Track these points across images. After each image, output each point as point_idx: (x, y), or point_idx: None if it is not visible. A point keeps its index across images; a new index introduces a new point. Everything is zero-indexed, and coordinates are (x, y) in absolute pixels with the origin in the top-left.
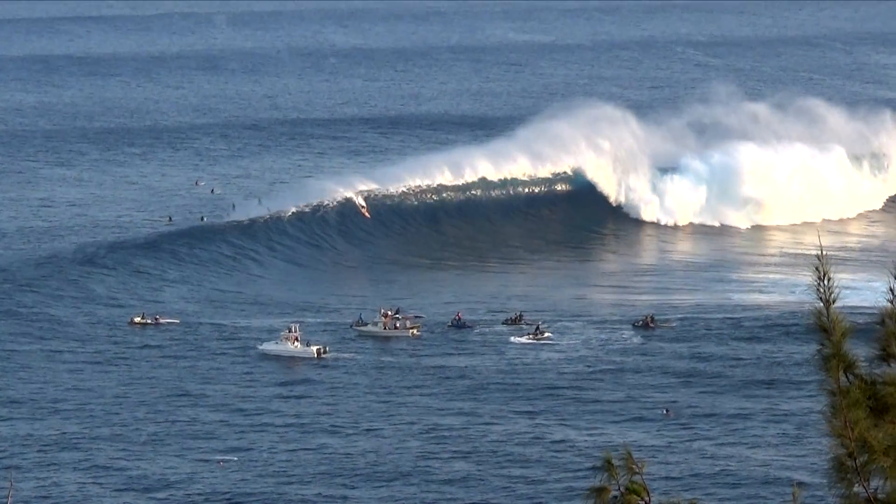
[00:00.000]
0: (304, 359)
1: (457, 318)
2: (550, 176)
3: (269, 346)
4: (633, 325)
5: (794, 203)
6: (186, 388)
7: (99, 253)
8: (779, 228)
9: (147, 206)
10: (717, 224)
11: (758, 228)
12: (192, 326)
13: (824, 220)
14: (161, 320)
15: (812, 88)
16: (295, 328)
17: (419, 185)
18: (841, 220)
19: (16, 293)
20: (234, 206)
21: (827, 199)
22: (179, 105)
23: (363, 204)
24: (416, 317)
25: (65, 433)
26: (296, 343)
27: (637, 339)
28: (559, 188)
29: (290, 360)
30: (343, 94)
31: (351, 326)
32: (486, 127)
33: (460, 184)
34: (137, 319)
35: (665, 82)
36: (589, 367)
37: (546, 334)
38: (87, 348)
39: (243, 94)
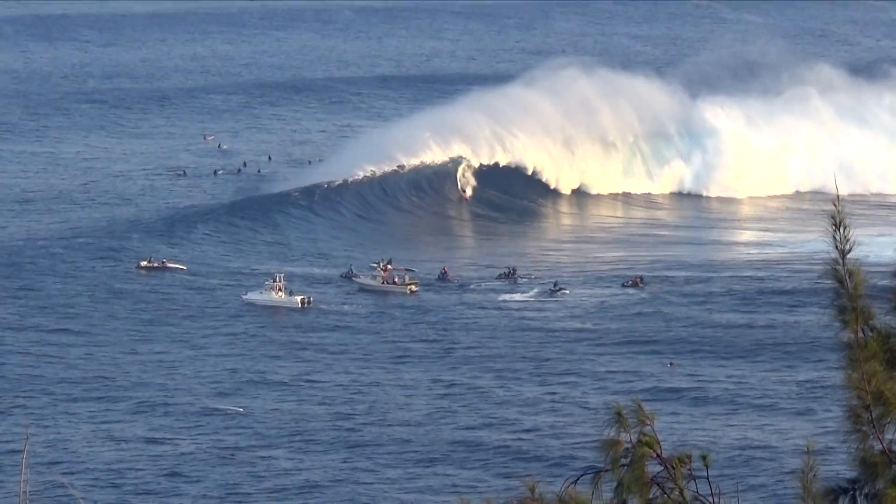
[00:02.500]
0: (287, 309)
1: (443, 272)
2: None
3: (253, 296)
4: (623, 284)
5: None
6: (187, 338)
7: (115, 204)
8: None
9: (158, 161)
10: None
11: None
12: (198, 273)
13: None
14: (168, 264)
15: (823, 42)
16: (279, 278)
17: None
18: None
19: (31, 245)
20: (244, 163)
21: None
22: (189, 61)
23: (465, 189)
24: (408, 270)
25: (72, 382)
26: (280, 293)
27: (634, 297)
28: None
29: (273, 311)
30: (355, 51)
31: (342, 277)
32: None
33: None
34: (144, 263)
35: (678, 37)
36: (590, 323)
37: (564, 291)
38: (98, 293)
39: (252, 51)
